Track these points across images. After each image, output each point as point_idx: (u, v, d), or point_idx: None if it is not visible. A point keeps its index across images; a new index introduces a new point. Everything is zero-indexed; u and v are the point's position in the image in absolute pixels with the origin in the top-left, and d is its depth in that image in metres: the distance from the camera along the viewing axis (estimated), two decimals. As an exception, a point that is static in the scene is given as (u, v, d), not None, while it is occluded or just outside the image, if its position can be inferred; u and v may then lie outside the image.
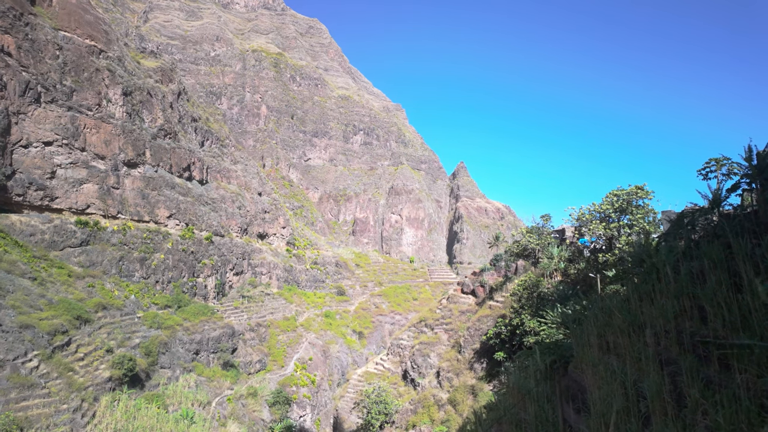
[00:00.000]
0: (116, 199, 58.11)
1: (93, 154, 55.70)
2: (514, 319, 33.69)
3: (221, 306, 66.94)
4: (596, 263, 25.56)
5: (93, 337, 43.40)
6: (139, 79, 64.30)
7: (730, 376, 8.73)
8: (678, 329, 11.52)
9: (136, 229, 59.17)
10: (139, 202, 60.89)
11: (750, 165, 14.00)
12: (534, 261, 43.02)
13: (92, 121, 55.57)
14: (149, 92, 65.04)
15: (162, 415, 38.71)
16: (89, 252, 52.89)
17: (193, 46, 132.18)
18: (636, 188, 25.38)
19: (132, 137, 60.46)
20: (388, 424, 42.10)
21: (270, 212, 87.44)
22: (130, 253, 56.89)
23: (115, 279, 54.23)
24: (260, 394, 57.32)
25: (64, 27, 54.49)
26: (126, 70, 62.13)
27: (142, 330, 50.85)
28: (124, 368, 41.08)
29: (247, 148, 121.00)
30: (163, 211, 63.48)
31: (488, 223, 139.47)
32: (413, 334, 56.08)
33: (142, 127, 62.95)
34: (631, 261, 16.43)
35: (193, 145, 73.34)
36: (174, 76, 74.49)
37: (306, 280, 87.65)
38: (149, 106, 64.90)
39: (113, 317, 48.84)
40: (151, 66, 70.33)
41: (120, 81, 59.70)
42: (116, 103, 58.91)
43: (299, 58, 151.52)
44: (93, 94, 55.97)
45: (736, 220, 13.01)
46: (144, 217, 61.11)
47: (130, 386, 41.79)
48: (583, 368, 14.71)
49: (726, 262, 11.95)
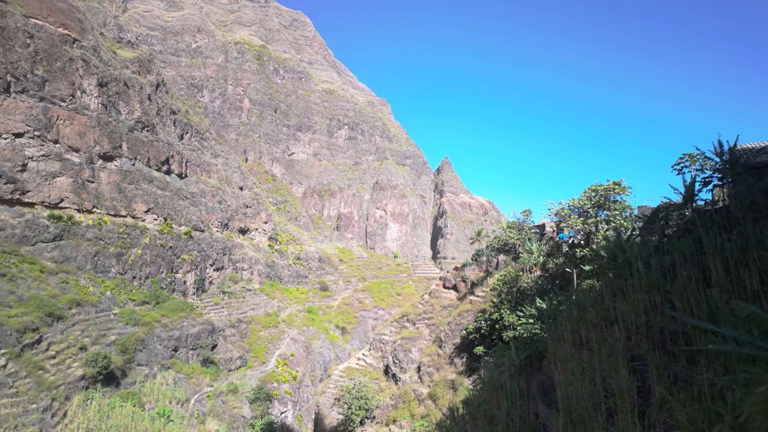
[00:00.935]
0: (91, 193, 56.56)
1: (67, 146, 54.06)
2: (493, 314, 33.77)
3: (201, 302, 65.89)
4: (574, 258, 25.65)
5: (66, 335, 42.24)
6: (115, 70, 62.53)
7: (697, 373, 8.64)
8: (648, 324, 11.45)
9: (112, 224, 57.73)
10: (116, 196, 59.39)
11: (721, 160, 14.01)
12: (514, 256, 43.20)
13: (66, 112, 53.88)
14: (126, 83, 63.34)
15: (137, 413, 37.88)
16: (63, 247, 51.42)
17: (173, 38, 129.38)
18: (613, 184, 25.50)
19: (108, 129, 58.84)
20: (369, 420, 41.96)
21: (252, 207, 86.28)
22: (106, 249, 55.50)
23: (90, 275, 52.86)
24: (241, 390, 56.67)
25: (35, 14, 52.58)
26: (101, 60, 60.34)
27: (119, 327, 49.71)
28: (99, 366, 40.08)
29: (229, 141, 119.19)
30: (141, 205, 62.05)
31: (472, 218, 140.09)
32: (395, 330, 56.00)
33: (119, 119, 61.31)
34: (605, 256, 16.40)
35: (172, 138, 71.80)
36: (152, 67, 72.67)
37: (288, 276, 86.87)
38: (126, 97, 63.21)
39: (88, 314, 47.62)
40: (128, 56, 68.46)
41: (95, 71, 57.96)
42: (91, 94, 57.21)
43: (283, 51, 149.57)
44: (66, 84, 54.24)
45: (707, 215, 13.01)
46: (121, 211, 59.65)
47: (105, 384, 40.81)
48: (557, 363, 14.63)
49: (697, 256, 11.93)
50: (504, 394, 13.59)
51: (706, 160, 16.35)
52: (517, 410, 12.30)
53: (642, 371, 10.55)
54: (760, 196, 11.27)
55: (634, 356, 10.97)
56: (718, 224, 12.11)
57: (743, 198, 12.03)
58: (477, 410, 15.13)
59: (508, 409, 12.42)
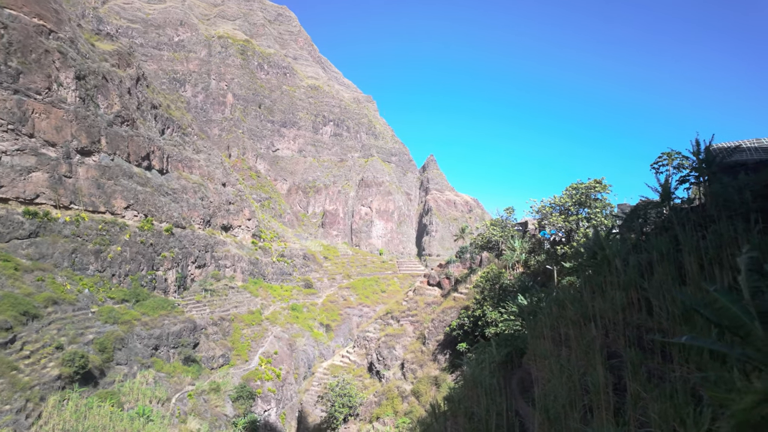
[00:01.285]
0: (69, 189, 55.19)
1: (42, 140, 52.61)
2: (476, 311, 33.92)
3: (182, 300, 64.93)
4: (555, 255, 25.87)
5: (41, 334, 41.20)
6: (93, 63, 61.02)
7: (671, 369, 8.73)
8: (625, 321, 11.55)
9: (90, 220, 56.43)
10: (94, 192, 58.06)
11: (697, 159, 14.20)
12: (498, 253, 43.47)
13: (41, 105, 52.41)
14: (105, 77, 61.86)
15: (116, 413, 37.17)
16: (39, 244, 50.09)
17: (155, 31, 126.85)
18: (594, 182, 25.76)
19: (86, 124, 57.40)
20: (352, 417, 41.86)
21: (235, 203, 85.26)
22: (84, 245, 54.24)
23: (67, 272, 51.61)
24: (223, 389, 56.10)
25: (8, 4, 50.93)
26: (79, 53, 58.79)
27: (97, 325, 48.70)
28: (76, 366, 39.19)
29: (212, 137, 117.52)
30: (120, 201, 60.77)
31: (457, 215, 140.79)
32: (379, 327, 55.96)
33: (97, 113, 59.85)
34: (585, 253, 16.54)
35: (152, 133, 70.42)
36: (132, 61, 71.11)
37: (272, 273, 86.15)
38: (105, 91, 61.74)
39: (65, 312, 46.53)
40: (107, 49, 66.85)
41: (72, 64, 56.44)
42: (68, 87, 55.73)
43: (267, 45, 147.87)
44: (42, 77, 52.74)
45: (684, 213, 13.19)
46: (99, 207, 58.34)
47: (82, 384, 39.94)
48: (536, 360, 14.69)
49: (674, 254, 12.07)
50: (483, 391, 13.62)
51: (684, 159, 16.57)
52: (496, 407, 12.33)
53: (619, 368, 10.64)
54: (735, 194, 11.43)
55: (611, 353, 11.05)
56: (694, 222, 12.27)
57: (718, 196, 12.20)
58: (457, 407, 15.15)
59: (487, 407, 12.44)
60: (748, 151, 14.37)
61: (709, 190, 13.64)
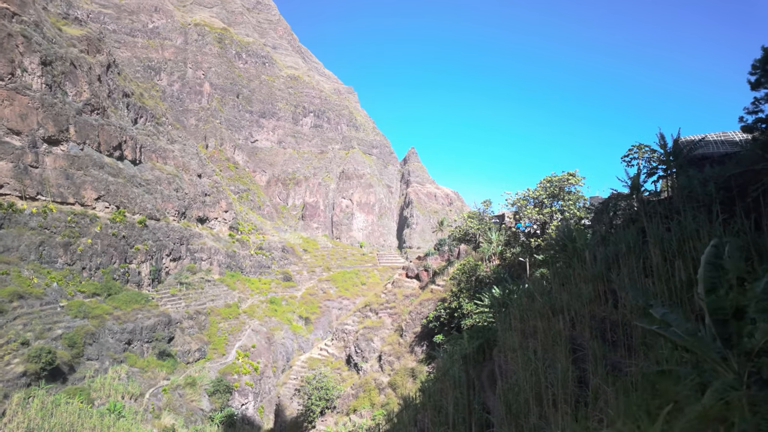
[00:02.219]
0: (35, 179, 53.19)
1: (6, 128, 50.49)
2: (452, 303, 34.00)
3: (157, 293, 63.56)
4: (529, 247, 25.98)
5: (6, 329, 39.83)
6: (60, 48, 58.64)
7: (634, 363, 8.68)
8: (591, 314, 11.53)
9: (59, 212, 54.57)
10: (63, 183, 56.09)
11: (665, 152, 14.25)
12: (475, 245, 43.64)
13: (4, 92, 50.21)
14: (73, 63, 59.53)
15: (85, 410, 36.18)
16: (3, 236, 48.24)
17: (129, 17, 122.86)
18: (568, 174, 25.88)
19: (53, 111, 55.25)
20: (330, 410, 41.73)
21: (211, 195, 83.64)
22: (52, 238, 52.46)
23: (34, 266, 49.87)
24: (199, 383, 55.30)
25: (-33, -16, 48.50)
26: (45, 37, 56.40)
27: (66, 320, 47.30)
28: (42, 362, 38.00)
29: (188, 127, 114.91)
30: (91, 192, 58.87)
31: (437, 208, 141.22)
32: (358, 319, 55.80)
33: (65, 100, 57.64)
34: (555, 245, 16.54)
35: (124, 122, 68.29)
36: (103, 47, 68.63)
37: (250, 266, 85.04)
38: (73, 78, 59.46)
39: (31, 307, 45.04)
40: (76, 34, 64.30)
41: (37, 49, 54.13)
42: (33, 73, 53.48)
43: (245, 34, 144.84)
44: (5, 62, 50.47)
45: (651, 206, 13.23)
46: (68, 198, 56.43)
47: (49, 381, 38.77)
48: (505, 353, 14.65)
49: (640, 246, 12.08)
50: (452, 384, 13.52)
51: (653, 152, 16.66)
52: (464, 400, 12.24)
53: (584, 361, 10.60)
54: (699, 187, 11.47)
55: (577, 346, 11.00)
56: (661, 215, 12.30)
57: (684, 189, 12.24)
58: (427, 400, 15.05)
59: (455, 400, 12.33)
60: (713, 144, 14.49)
61: (676, 182, 13.68)
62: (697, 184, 11.77)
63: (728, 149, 14.45)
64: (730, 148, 14.66)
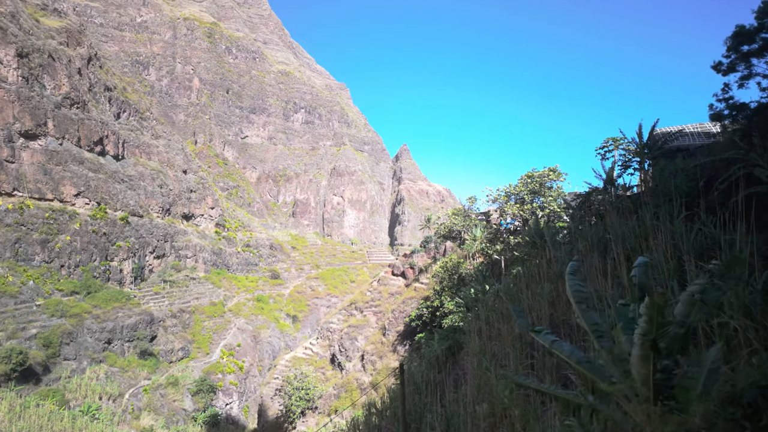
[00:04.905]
0: (11, 175, 51.86)
1: (-20, 122, 49.14)
2: (435, 301, 33.29)
3: (139, 291, 62.39)
4: (509, 245, 25.23)
5: (-24, 329, 38.65)
6: (38, 40, 57.16)
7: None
8: (552, 317, 10.74)
9: (36, 208, 53.27)
10: (41, 178, 54.75)
11: (639, 144, 13.46)
12: (460, 242, 42.88)
13: (-22, 84, 48.83)
14: (51, 55, 58.07)
15: (56, 412, 35.04)
16: (-24, 233, 46.99)
17: (116, 10, 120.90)
18: (549, 170, 25.15)
19: (30, 105, 53.85)
20: (311, 410, 40.92)
21: (196, 191, 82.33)
22: (28, 235, 51.19)
23: (9, 263, 48.63)
24: (182, 382, 54.30)
25: (-62, -27, 47.00)
26: (21, 29, 54.92)
27: (42, 319, 46.17)
28: (13, 362, 36.92)
29: (177, 123, 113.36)
30: (70, 188, 57.54)
31: (429, 205, 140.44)
32: (343, 317, 54.97)
33: (43, 94, 56.23)
34: (528, 243, 15.76)
35: (106, 116, 66.87)
36: (83, 40, 67.10)
37: (237, 264, 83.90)
38: (52, 71, 58.00)
39: (5, 306, 43.92)
40: (55, 26, 62.76)
41: (13, 40, 52.68)
42: (9, 65, 52.05)
43: (236, 29, 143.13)
44: (-22, 53, 49.07)
45: (619, 200, 12.46)
46: (46, 194, 55.11)
47: (21, 382, 37.68)
48: (469, 356, 13.85)
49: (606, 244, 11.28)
50: (415, 389, 12.76)
51: (629, 144, 15.90)
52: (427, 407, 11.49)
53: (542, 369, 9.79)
54: (670, 180, 10.68)
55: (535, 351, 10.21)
56: (629, 210, 11.52)
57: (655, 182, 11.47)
58: (390, 406, 14.29)
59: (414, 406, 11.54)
60: (690, 135, 13.71)
61: (649, 175, 12.87)
62: (668, 177, 10.98)
63: (705, 141, 13.68)
64: (707, 140, 13.89)
